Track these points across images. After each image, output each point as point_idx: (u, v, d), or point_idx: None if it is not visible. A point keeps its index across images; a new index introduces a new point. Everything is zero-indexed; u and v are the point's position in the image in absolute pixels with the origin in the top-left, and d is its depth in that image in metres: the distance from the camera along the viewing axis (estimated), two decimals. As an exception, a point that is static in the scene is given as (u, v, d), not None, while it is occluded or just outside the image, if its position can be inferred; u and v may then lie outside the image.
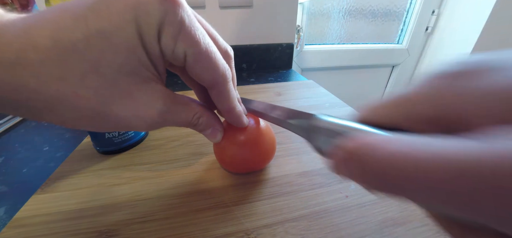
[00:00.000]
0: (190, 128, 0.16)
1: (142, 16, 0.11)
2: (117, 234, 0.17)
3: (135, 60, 0.12)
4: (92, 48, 0.10)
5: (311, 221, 0.18)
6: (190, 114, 0.15)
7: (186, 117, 0.15)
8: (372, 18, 0.79)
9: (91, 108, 0.12)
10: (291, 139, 0.28)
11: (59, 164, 0.24)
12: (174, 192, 0.20)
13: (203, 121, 0.16)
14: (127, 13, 0.11)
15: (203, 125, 0.17)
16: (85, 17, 0.10)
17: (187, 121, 0.15)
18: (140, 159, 0.25)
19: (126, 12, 0.11)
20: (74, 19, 0.10)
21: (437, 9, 0.80)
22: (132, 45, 0.11)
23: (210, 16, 0.55)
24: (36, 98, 0.10)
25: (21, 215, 0.19)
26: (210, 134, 0.18)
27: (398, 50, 0.85)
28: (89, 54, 0.11)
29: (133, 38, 0.11)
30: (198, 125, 0.16)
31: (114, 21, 0.10)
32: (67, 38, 0.10)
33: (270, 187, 0.21)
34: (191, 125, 0.16)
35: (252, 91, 0.44)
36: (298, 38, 0.71)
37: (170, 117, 0.14)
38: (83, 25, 0.10)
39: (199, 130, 0.17)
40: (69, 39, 0.10)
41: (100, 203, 0.19)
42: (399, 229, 0.17)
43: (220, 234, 0.17)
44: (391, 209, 0.18)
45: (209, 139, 0.18)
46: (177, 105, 0.15)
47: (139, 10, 0.11)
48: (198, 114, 0.16)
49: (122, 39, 0.11)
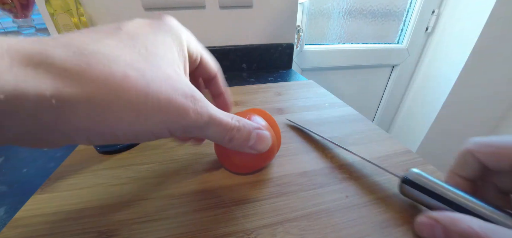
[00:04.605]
0: (228, 136, 0.16)
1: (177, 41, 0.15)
2: (117, 234, 0.17)
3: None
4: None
5: (311, 221, 0.18)
6: (229, 115, 0.16)
7: (226, 117, 0.15)
8: (372, 18, 0.79)
9: (139, 87, 0.11)
10: (291, 139, 0.28)
11: (59, 164, 0.24)
12: (174, 192, 0.20)
13: (243, 122, 0.16)
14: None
15: (245, 127, 0.16)
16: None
17: (227, 122, 0.15)
18: (140, 159, 0.25)
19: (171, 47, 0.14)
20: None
21: (437, 9, 0.80)
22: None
23: (210, 16, 0.55)
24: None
25: (21, 215, 0.19)
26: (255, 139, 0.17)
27: (398, 50, 0.85)
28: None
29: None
30: (239, 129, 0.16)
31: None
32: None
33: (270, 187, 0.21)
34: (230, 129, 0.16)
35: (252, 91, 0.44)
36: (298, 38, 0.71)
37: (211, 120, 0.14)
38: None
39: (241, 137, 0.16)
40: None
41: (100, 203, 0.19)
42: (399, 229, 0.17)
43: (220, 234, 0.17)
44: (391, 209, 0.18)
45: (256, 148, 0.17)
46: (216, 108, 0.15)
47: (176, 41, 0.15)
48: (236, 117, 0.16)
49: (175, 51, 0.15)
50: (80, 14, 0.47)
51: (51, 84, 0.09)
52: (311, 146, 0.27)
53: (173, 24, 0.16)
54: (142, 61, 0.12)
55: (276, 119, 0.23)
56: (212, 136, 0.15)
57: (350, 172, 0.23)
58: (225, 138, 0.16)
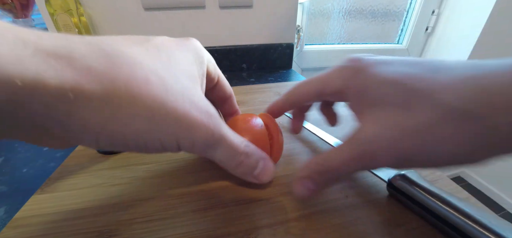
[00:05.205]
0: (236, 161, 0.16)
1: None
2: (117, 234, 0.17)
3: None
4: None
5: (311, 221, 0.18)
6: (239, 139, 0.16)
7: (237, 140, 0.15)
8: (372, 18, 0.79)
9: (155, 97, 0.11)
10: (290, 138, 0.28)
11: (59, 164, 0.24)
12: (174, 192, 0.20)
13: (252, 149, 0.17)
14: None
15: (254, 155, 0.17)
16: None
17: (238, 145, 0.15)
18: (140, 159, 0.25)
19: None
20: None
21: (437, 9, 0.80)
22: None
23: (210, 16, 0.55)
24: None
25: (21, 215, 0.19)
26: (261, 169, 0.17)
27: (398, 50, 0.85)
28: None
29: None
30: (248, 155, 0.16)
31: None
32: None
33: (270, 187, 0.21)
34: (239, 153, 0.16)
35: (252, 91, 0.44)
36: (298, 38, 0.71)
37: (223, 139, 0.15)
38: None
39: (248, 163, 0.16)
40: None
41: (100, 203, 0.19)
42: (399, 229, 0.17)
43: (220, 234, 0.17)
44: (391, 209, 0.18)
45: (261, 178, 0.18)
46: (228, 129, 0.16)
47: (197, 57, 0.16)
48: (245, 142, 0.16)
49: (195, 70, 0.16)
50: (80, 14, 0.47)
51: (71, 78, 0.09)
52: (311, 146, 0.27)
53: (197, 45, 0.17)
54: (164, 70, 0.12)
55: (276, 119, 0.23)
56: (220, 157, 0.15)
57: (350, 172, 0.22)
58: (233, 162, 0.16)
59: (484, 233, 0.13)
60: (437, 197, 0.16)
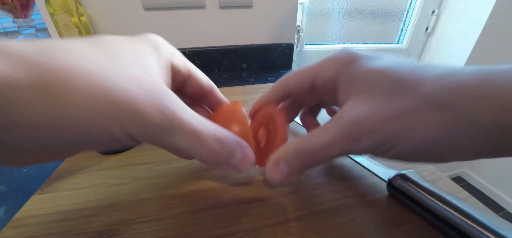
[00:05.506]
0: (205, 150, 0.13)
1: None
2: (117, 234, 0.17)
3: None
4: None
5: (311, 221, 0.18)
6: (206, 122, 0.13)
7: (200, 123, 0.13)
8: (372, 18, 0.79)
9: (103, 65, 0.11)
10: (290, 138, 0.28)
11: (59, 164, 0.24)
12: (174, 192, 0.20)
13: (225, 134, 0.14)
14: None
15: (228, 141, 0.14)
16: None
17: (200, 129, 0.13)
18: (140, 159, 0.25)
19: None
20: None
21: (437, 9, 0.80)
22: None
23: (210, 16, 0.55)
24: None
25: (21, 215, 0.19)
26: (240, 158, 0.14)
27: (398, 50, 0.85)
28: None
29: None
30: (220, 140, 0.13)
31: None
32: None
33: (270, 187, 0.21)
34: (204, 138, 0.13)
35: (252, 91, 0.44)
36: (298, 38, 0.71)
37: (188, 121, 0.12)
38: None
39: (223, 152, 0.13)
40: None
41: (100, 203, 0.19)
42: (399, 229, 0.17)
43: (220, 234, 0.17)
44: (391, 209, 0.18)
45: (239, 168, 0.14)
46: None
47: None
48: (214, 126, 0.14)
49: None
50: (80, 14, 0.47)
51: (5, 69, 0.08)
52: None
53: (155, 38, 0.16)
54: (110, 61, 0.12)
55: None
56: (183, 145, 0.12)
57: (350, 172, 0.23)
58: (201, 151, 0.13)
59: (484, 233, 0.13)
60: (437, 197, 0.16)
